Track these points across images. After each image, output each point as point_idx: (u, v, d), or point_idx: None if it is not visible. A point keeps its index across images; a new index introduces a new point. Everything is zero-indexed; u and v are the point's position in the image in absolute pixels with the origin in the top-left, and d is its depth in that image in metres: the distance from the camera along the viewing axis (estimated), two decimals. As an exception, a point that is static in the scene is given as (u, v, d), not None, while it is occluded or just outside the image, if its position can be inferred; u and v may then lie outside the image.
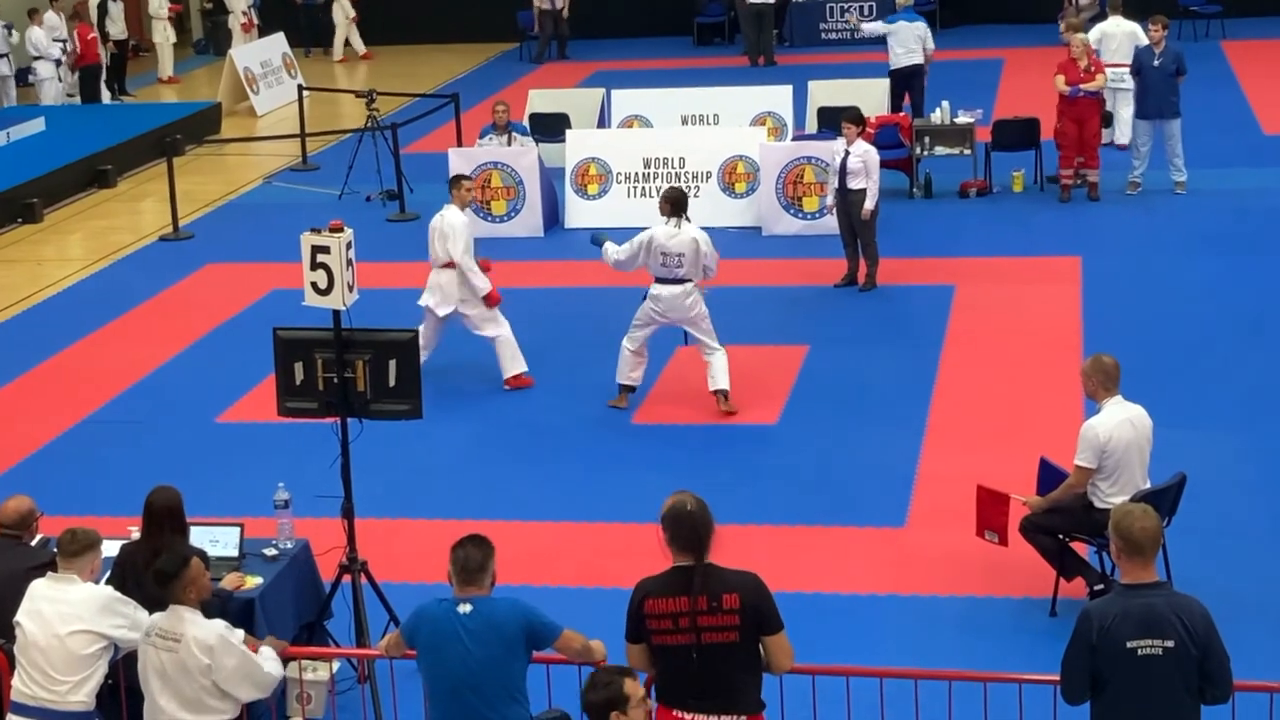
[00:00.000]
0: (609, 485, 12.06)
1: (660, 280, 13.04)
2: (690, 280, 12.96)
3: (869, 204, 15.78)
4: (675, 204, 13.03)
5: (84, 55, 26.99)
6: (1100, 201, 18.64)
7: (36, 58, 26.84)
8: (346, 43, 31.89)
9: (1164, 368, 13.46)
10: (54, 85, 26.78)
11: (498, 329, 13.84)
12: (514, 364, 13.91)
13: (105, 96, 27.64)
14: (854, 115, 16.18)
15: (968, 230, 18.01)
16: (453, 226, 13.65)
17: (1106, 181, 18.78)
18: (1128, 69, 19.23)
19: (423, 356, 12.89)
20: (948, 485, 11.57)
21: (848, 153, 15.85)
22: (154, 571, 7.70)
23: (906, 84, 21.57)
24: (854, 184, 15.80)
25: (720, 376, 13.18)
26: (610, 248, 13.34)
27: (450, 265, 13.68)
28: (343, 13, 31.63)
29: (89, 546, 7.89)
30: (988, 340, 14.66)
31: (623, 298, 16.22)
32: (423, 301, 13.87)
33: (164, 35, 30.02)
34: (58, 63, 26.76)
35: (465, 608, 7.10)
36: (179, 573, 7.61)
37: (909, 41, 21.41)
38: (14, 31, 26.97)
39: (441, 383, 13.40)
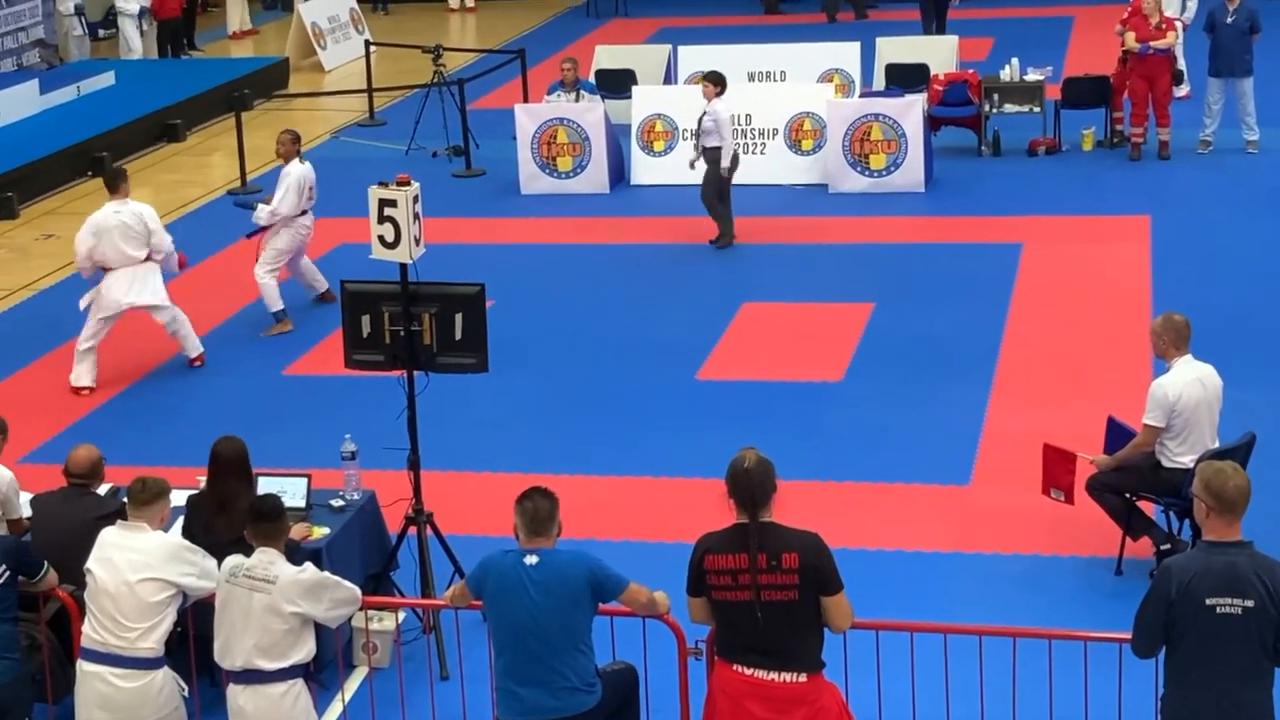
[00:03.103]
0: (673, 440, 12.05)
1: None
2: None
3: (725, 162, 15.98)
4: None
5: (163, 9, 27.03)
6: (1171, 160, 18.47)
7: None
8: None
9: (1234, 327, 13.33)
10: (137, 39, 26.80)
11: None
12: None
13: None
14: (713, 76, 16.35)
15: (1036, 188, 17.88)
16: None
17: (1177, 140, 18.61)
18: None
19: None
20: (1014, 443, 11.52)
21: (705, 113, 16.07)
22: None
23: (936, 3, 24.26)
24: (707, 142, 16.10)
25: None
26: None
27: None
28: None
29: (159, 495, 7.97)
30: (1055, 299, 14.55)
31: (688, 254, 16.26)
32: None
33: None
34: (140, 14, 26.75)
35: (532, 559, 7.12)
36: (284, 513, 7.72)
37: None
38: None
39: (507, 337, 13.41)
